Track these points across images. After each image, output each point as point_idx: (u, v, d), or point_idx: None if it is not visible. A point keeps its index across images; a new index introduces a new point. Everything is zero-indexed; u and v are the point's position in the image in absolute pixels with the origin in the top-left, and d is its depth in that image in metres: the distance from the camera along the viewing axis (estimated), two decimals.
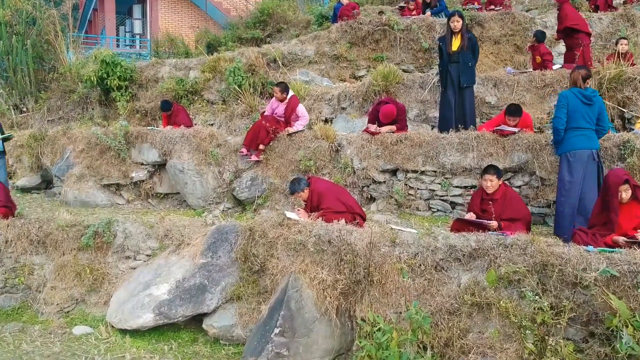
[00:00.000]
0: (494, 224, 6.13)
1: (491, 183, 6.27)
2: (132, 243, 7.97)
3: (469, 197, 7.56)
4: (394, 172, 8.08)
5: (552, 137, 7.07)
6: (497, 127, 7.50)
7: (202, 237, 7.55)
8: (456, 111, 8.20)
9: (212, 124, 12.00)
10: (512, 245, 5.54)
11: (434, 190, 7.76)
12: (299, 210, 7.06)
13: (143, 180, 9.82)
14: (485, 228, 6.16)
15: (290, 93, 9.06)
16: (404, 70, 10.89)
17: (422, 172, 7.82)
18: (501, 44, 10.83)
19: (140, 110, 12.80)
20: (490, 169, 6.34)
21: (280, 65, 11.72)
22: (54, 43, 14.82)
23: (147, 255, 7.92)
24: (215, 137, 9.36)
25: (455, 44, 8.08)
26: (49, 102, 14.41)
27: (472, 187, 7.55)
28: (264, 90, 11.63)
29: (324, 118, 10.21)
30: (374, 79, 9.56)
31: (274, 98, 9.24)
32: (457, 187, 7.63)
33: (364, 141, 8.24)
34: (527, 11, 12.32)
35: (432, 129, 9.27)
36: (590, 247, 5.29)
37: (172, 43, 17.01)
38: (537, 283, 5.27)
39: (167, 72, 13.33)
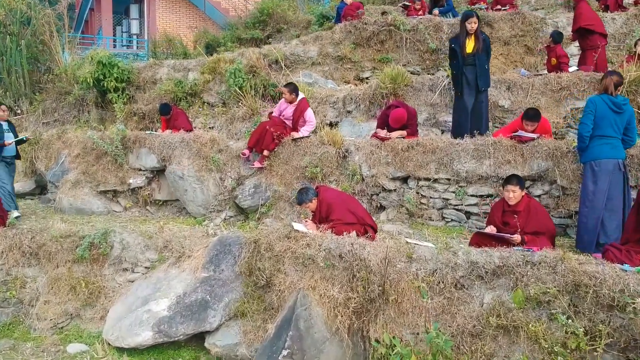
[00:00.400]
0: (517, 238, 5.68)
1: (514, 194, 5.82)
2: (130, 254, 7.50)
3: (485, 207, 7.12)
4: (404, 180, 7.62)
5: (574, 144, 6.64)
6: (515, 133, 7.05)
7: (203, 248, 7.09)
8: (471, 116, 7.76)
9: (212, 127, 11.53)
10: (540, 263, 5.09)
11: (447, 199, 7.31)
12: (306, 221, 6.60)
13: (141, 187, 9.33)
14: (507, 242, 5.72)
15: (301, 95, 8.60)
16: (411, 72, 10.43)
17: (435, 180, 7.36)
18: (511, 45, 10.38)
19: (137, 113, 12.29)
20: (513, 179, 5.89)
21: (283, 66, 11.24)
22: (49, 43, 14.30)
23: (146, 267, 7.44)
24: (217, 142, 8.89)
25: (470, 45, 7.63)
26: (44, 104, 13.88)
27: (489, 196, 7.11)
28: (265, 92, 11.15)
29: (328, 122, 9.74)
30: (382, 82, 9.11)
31: (282, 99, 8.78)
32: (472, 196, 7.18)
33: (373, 147, 7.78)
34: (534, 11, 11.89)
35: (442, 133, 8.83)
36: (627, 266, 4.84)
37: (170, 43, 16.50)
38: (569, 305, 4.83)
39: (165, 73, 12.82)
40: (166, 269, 7.15)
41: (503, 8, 11.52)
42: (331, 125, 9.77)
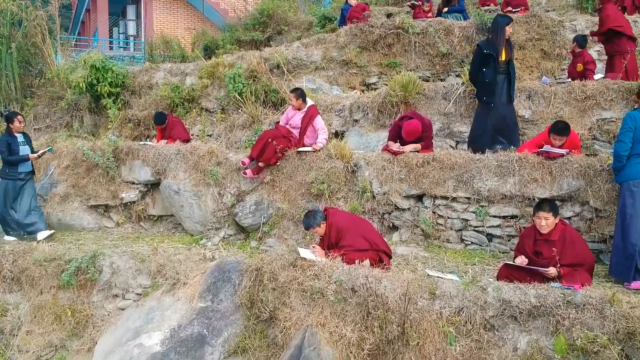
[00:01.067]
0: (552, 271, 4.96)
1: (547, 222, 5.08)
2: (121, 280, 6.77)
3: (509, 229, 6.41)
4: (419, 198, 6.90)
5: (609, 161, 5.93)
6: (542, 149, 6.33)
7: (200, 275, 6.37)
8: (500, 128, 7.06)
9: (210, 135, 10.79)
10: (584, 305, 4.38)
11: (467, 220, 6.59)
12: (314, 247, 5.88)
13: (134, 202, 8.59)
14: (541, 276, 5.00)
15: (310, 101, 7.85)
16: (419, 78, 9.68)
17: (454, 199, 6.64)
18: (526, 49, 9.65)
19: (132, 119, 11.54)
20: (545, 204, 5.15)
21: (285, 71, 10.50)
22: (41, 46, 13.52)
23: (138, 294, 6.72)
24: (215, 154, 8.14)
25: (503, 53, 6.93)
26: (35, 109, 13.13)
27: (513, 217, 6.39)
28: (266, 98, 10.40)
29: (334, 131, 9.01)
30: (391, 89, 8.37)
31: (289, 106, 8.02)
32: (494, 216, 6.46)
33: (385, 162, 7.05)
34: (544, 13, 11.16)
35: (456, 144, 8.10)
36: None
37: (167, 45, 15.73)
38: (621, 355, 4.13)
39: (161, 77, 12.08)
40: (159, 297, 6.43)
41: (515, 10, 10.79)
42: (337, 134, 9.04)
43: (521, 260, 5.18)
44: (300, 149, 7.52)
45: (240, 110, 10.35)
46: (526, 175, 6.31)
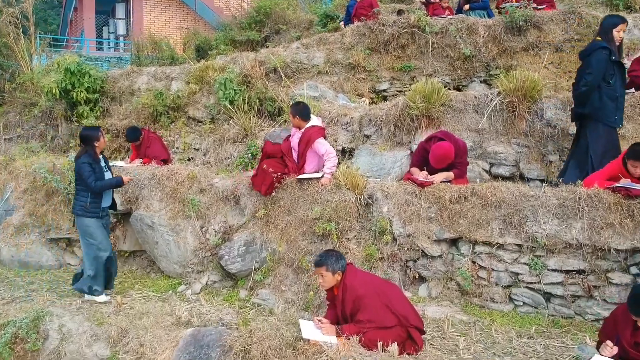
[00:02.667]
0: None
1: None
2: (72, 348, 5.04)
3: (574, 288, 4.72)
4: (454, 243, 5.21)
5: None
6: (620, 184, 4.64)
7: (170, 349, 4.66)
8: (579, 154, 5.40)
9: (197, 149, 9.09)
10: None
11: (517, 274, 4.89)
12: (320, 322, 4.18)
13: None
14: None
15: (313, 120, 6.09)
16: None
17: (500, 246, 4.95)
18: (564, 51, 7.95)
19: (111, 130, 9.82)
20: None
21: (283, 75, 8.79)
22: (13, 46, 11.75)
23: None
24: (197, 180, 6.44)
25: None
26: (6, 117, 11.38)
27: (580, 272, 4.70)
28: (262, 107, 8.70)
29: (340, 148, 7.30)
30: (411, 99, 6.66)
31: None
32: (554, 270, 4.76)
33: (409, 195, 5.35)
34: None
35: (490, 167, 6.40)
36: None
37: (156, 46, 13.98)
38: None
39: (144, 82, 10.35)
40: None
41: (539, 7, 9.07)
42: (344, 152, 7.33)
43: (610, 351, 3.50)
44: (301, 177, 5.81)
45: (231, 121, 8.65)
46: (598, 219, 4.61)
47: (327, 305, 4.47)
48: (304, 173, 5.85)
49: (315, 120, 6.02)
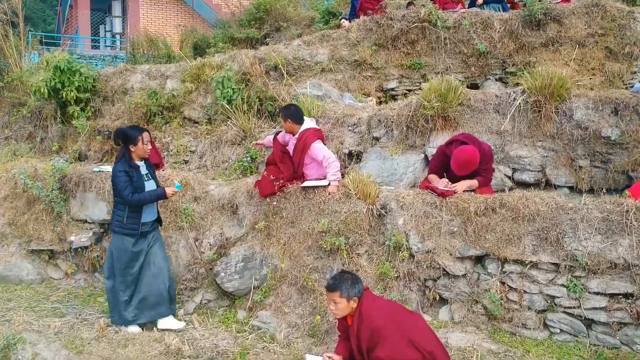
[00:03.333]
0: None
1: None
2: None
3: (619, 313, 4.05)
4: (480, 261, 4.55)
5: None
6: None
7: None
8: None
9: (193, 151, 8.40)
10: None
11: (554, 297, 4.23)
12: (330, 358, 3.52)
13: (87, 247, 6.21)
14: None
15: (307, 123, 5.45)
16: None
17: (533, 265, 4.28)
18: (587, 46, 7.28)
19: (103, 131, 9.14)
20: None
21: (284, 73, 8.11)
22: (1, 44, 11.04)
23: None
24: (191, 187, 5.77)
25: None
26: None
27: (626, 295, 4.04)
28: (262, 107, 8.02)
29: (347, 151, 6.63)
30: (425, 99, 5.99)
31: None
32: (597, 294, 4.10)
33: (428, 206, 4.68)
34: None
35: (512, 172, 5.73)
36: None
37: (152, 44, 13.28)
38: None
39: (138, 81, 9.65)
40: None
41: (555, 1, 8.39)
42: (351, 156, 6.66)
43: None
44: (305, 184, 5.14)
45: (229, 122, 7.97)
46: None
47: (338, 335, 3.80)
48: (305, 180, 5.17)
49: (308, 122, 5.36)
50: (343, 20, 9.86)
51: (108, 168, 6.62)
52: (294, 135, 5.34)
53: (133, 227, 4.70)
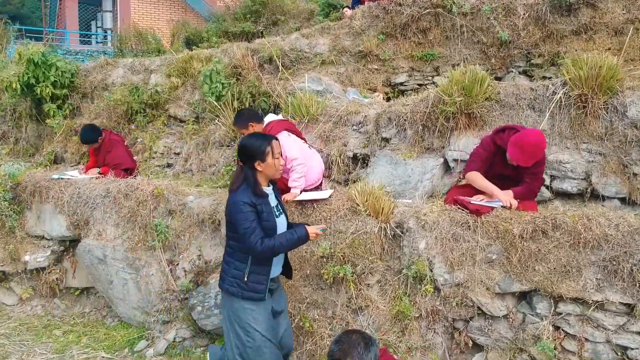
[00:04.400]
0: None
1: None
2: None
3: None
4: (525, 297, 3.48)
5: None
6: None
7: None
8: None
9: (178, 153, 7.33)
10: None
11: (626, 349, 3.16)
12: None
13: (44, 268, 5.14)
14: None
15: (269, 117, 4.35)
16: None
17: (599, 306, 3.21)
18: (625, 34, 6.22)
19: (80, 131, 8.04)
20: None
21: (280, 66, 7.04)
22: None
23: None
24: (165, 198, 4.69)
25: None
26: None
27: None
28: (254, 104, 6.94)
29: (351, 154, 5.57)
30: (445, 93, 4.90)
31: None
32: None
33: (458, 226, 3.60)
34: None
35: (550, 181, 4.64)
36: None
37: (141, 38, 12.19)
38: None
39: (120, 75, 8.59)
40: None
41: None
42: (355, 160, 5.60)
43: None
44: (301, 198, 4.04)
45: (217, 121, 6.90)
46: None
47: None
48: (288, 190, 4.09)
49: (271, 117, 4.32)
50: (345, 9, 8.77)
51: (73, 173, 5.55)
52: None
53: (258, 287, 3.03)
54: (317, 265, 3.82)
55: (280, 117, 4.39)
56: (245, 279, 3.00)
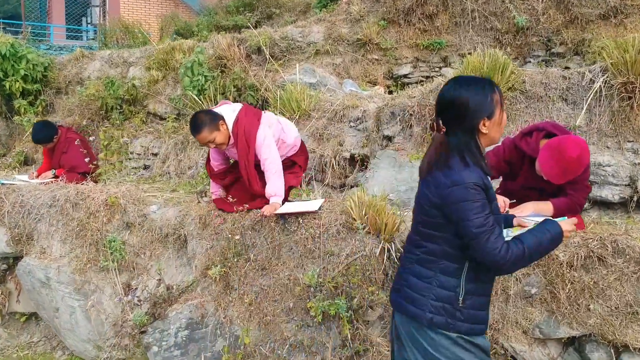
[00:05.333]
0: None
1: None
2: None
3: None
4: (573, 343, 2.60)
5: None
6: None
7: None
8: None
9: (155, 154, 6.47)
10: None
11: None
12: None
13: None
14: None
15: (226, 111, 3.38)
16: None
17: None
18: None
19: None
20: None
21: (267, 55, 6.18)
22: None
23: None
24: (121, 208, 3.81)
25: None
26: None
27: None
28: (239, 98, 6.09)
29: (348, 155, 4.71)
30: None
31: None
32: None
33: None
34: None
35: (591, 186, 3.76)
36: None
37: (127, 32, 11.33)
38: None
39: (97, 69, 7.74)
40: None
41: None
42: (353, 161, 4.74)
43: None
44: (281, 211, 3.15)
45: None
46: None
47: None
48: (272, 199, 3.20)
49: (227, 109, 3.39)
50: None
51: (22, 177, 4.68)
52: (228, 144, 3.31)
53: (480, 316, 1.92)
54: (302, 295, 2.95)
55: (238, 105, 3.44)
56: (460, 302, 1.86)
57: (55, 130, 4.87)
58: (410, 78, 6.12)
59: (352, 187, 4.61)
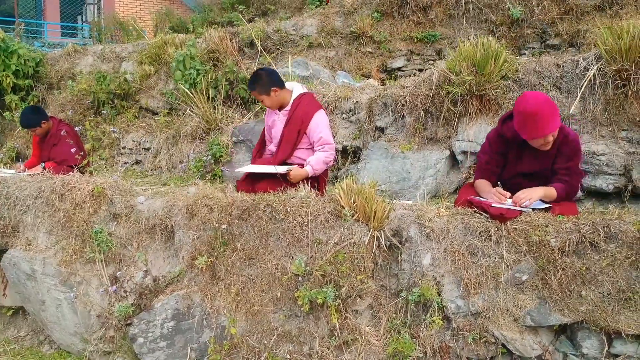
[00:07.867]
0: None
1: None
2: None
3: None
4: (564, 331, 2.55)
5: None
6: None
7: None
8: None
9: (147, 149, 6.42)
10: None
11: None
12: None
13: None
14: None
15: (298, 88, 3.66)
16: None
17: None
18: None
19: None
20: None
21: (259, 48, 6.13)
22: None
23: None
24: (108, 199, 3.75)
25: None
26: None
27: None
28: (232, 92, 6.03)
29: (340, 147, 4.66)
30: (452, 69, 3.99)
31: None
32: None
33: (474, 235, 2.67)
34: None
35: (584, 172, 3.70)
36: None
37: (122, 29, 11.28)
38: None
39: (89, 64, 7.70)
40: None
41: None
42: (345, 153, 4.69)
43: None
44: (247, 169, 3.14)
45: (189, 111, 5.99)
46: None
47: None
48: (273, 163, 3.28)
49: (299, 88, 3.52)
50: None
51: (9, 172, 4.61)
52: (281, 109, 3.47)
53: None
54: (290, 285, 2.90)
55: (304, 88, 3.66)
56: None
57: (44, 115, 4.79)
58: (404, 71, 6.07)
59: (344, 179, 4.56)
